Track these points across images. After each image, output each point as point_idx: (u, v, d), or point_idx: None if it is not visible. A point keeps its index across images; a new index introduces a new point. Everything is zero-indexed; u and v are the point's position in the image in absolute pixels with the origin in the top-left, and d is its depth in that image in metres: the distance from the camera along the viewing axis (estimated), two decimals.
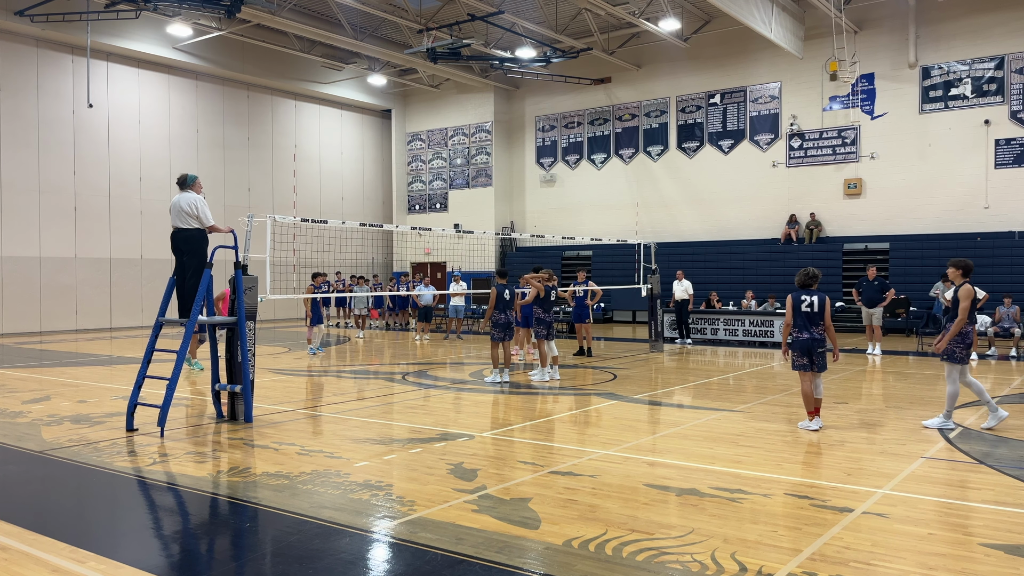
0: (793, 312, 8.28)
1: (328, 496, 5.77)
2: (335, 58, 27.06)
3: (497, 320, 11.82)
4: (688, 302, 18.26)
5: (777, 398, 10.29)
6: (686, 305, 18.30)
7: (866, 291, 16.05)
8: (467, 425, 8.59)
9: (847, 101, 22.48)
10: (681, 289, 18.20)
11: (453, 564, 4.41)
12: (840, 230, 22.72)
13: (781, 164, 23.70)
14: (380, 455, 7.10)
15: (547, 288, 12.35)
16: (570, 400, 10.31)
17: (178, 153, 25.47)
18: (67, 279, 22.92)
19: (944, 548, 4.61)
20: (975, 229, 20.70)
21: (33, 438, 7.93)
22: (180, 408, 9.47)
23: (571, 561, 4.44)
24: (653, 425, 8.73)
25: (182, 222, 8.69)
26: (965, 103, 20.88)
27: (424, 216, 30.96)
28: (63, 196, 22.90)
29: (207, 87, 26.32)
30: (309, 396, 10.89)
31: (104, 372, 13.49)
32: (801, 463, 6.74)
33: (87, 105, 22.55)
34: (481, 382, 12.04)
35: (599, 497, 5.68)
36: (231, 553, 4.82)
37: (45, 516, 5.46)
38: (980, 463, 6.69)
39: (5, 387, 11.61)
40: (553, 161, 28.55)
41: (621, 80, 26.64)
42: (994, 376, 12.57)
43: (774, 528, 4.98)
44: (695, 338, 18.61)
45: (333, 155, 30.44)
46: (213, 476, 6.44)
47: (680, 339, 18.40)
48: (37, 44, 22.19)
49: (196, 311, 8.46)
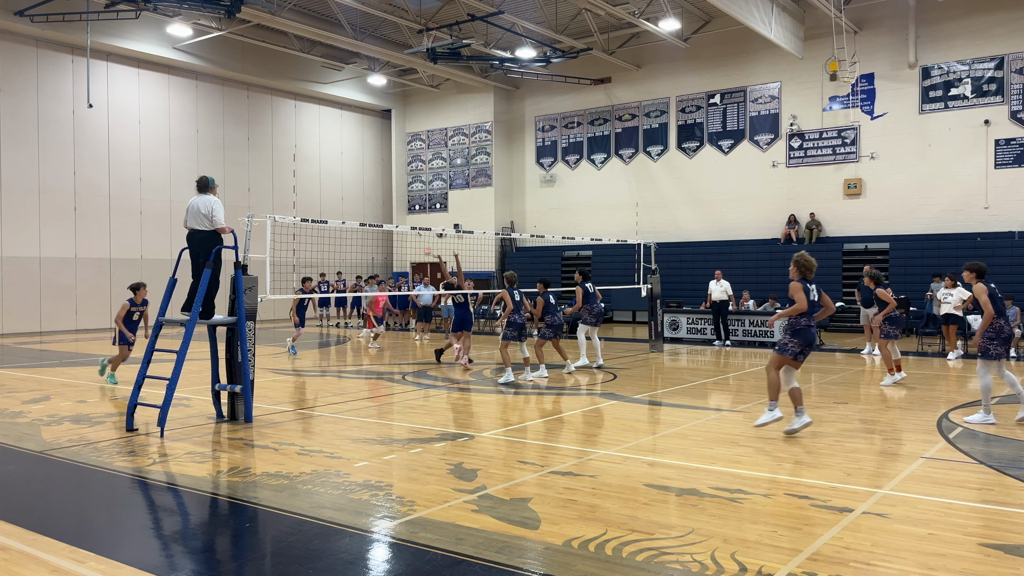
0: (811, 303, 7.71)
1: (328, 496, 5.77)
2: (335, 58, 27.07)
3: (512, 321, 12.26)
4: (728, 303, 17.93)
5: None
6: (725, 306, 17.87)
7: (863, 291, 16.04)
8: (467, 425, 8.59)
9: (847, 101, 22.48)
10: (720, 290, 17.79)
11: (453, 564, 4.41)
12: (840, 230, 22.72)
13: (781, 164, 23.70)
14: (380, 455, 7.10)
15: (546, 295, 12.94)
16: (570, 400, 10.31)
17: (178, 153, 25.47)
18: (67, 279, 22.92)
19: (944, 548, 4.61)
20: (975, 229, 20.70)
21: (33, 438, 7.93)
22: (180, 408, 9.47)
23: (571, 561, 4.44)
24: (653, 425, 8.73)
25: (198, 224, 8.71)
26: (965, 103, 20.88)
27: (424, 216, 30.96)
28: (63, 196, 22.90)
29: (207, 87, 26.31)
30: (309, 396, 10.88)
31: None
32: (801, 463, 6.74)
33: (87, 105, 22.54)
34: (481, 382, 12.04)
35: (599, 497, 5.68)
36: (231, 553, 4.82)
37: (45, 516, 5.45)
38: (980, 463, 6.69)
39: (5, 387, 11.61)
40: (553, 161, 28.55)
41: (621, 80, 26.64)
42: (994, 376, 12.54)
43: (774, 528, 4.97)
44: (695, 338, 18.60)
45: (333, 155, 30.44)
46: (213, 476, 6.44)
47: (718, 341, 17.83)
48: (37, 44, 22.18)
49: (196, 311, 8.47)
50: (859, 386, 11.49)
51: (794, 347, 7.66)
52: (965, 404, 9.61)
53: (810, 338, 7.70)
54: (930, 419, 8.61)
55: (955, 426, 8.25)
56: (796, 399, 7.77)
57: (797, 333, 7.66)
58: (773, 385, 7.72)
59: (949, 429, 8.09)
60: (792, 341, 7.67)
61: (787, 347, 7.69)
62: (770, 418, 7.73)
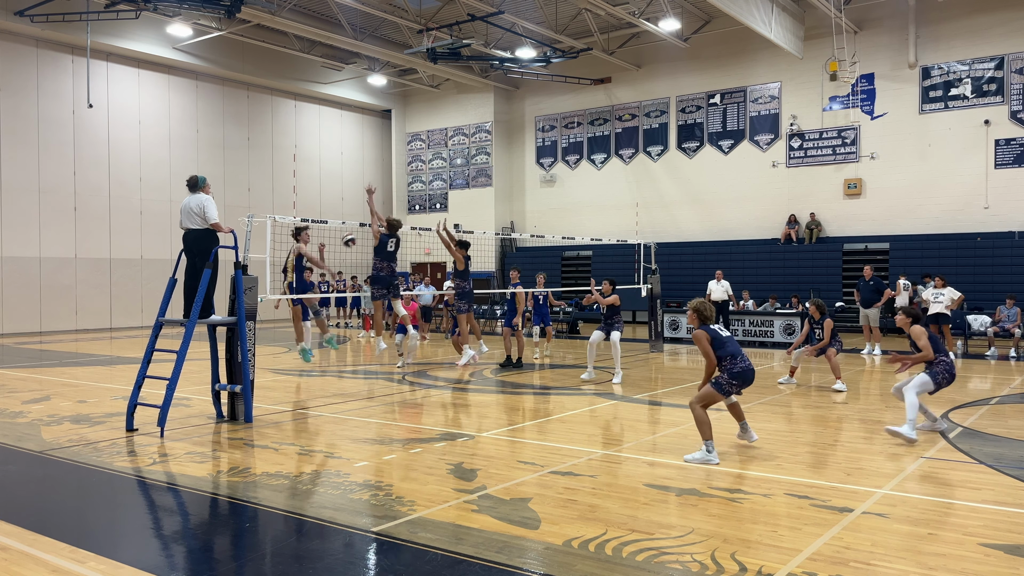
0: (722, 343, 6.95)
1: (328, 496, 5.77)
2: (335, 58, 27.07)
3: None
4: (728, 303, 17.89)
5: (776, 398, 10.29)
6: (726, 306, 17.86)
7: (863, 291, 16.06)
8: (467, 425, 8.59)
9: (847, 101, 22.48)
10: (720, 290, 17.79)
11: (453, 564, 4.41)
12: (840, 230, 22.73)
13: (781, 164, 23.70)
14: (380, 455, 7.10)
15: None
16: (570, 400, 10.31)
17: (178, 153, 25.47)
18: (67, 279, 22.92)
19: (944, 548, 4.61)
20: (975, 229, 20.70)
21: (33, 438, 7.93)
22: (180, 408, 9.47)
23: (571, 561, 4.44)
24: (653, 425, 8.73)
25: (192, 223, 8.70)
26: (965, 103, 20.88)
27: (424, 216, 30.96)
28: (63, 196, 22.90)
29: (207, 87, 26.31)
30: (309, 396, 10.88)
31: (104, 372, 13.48)
32: (801, 463, 6.74)
33: (87, 105, 22.54)
34: (481, 382, 12.04)
35: (599, 497, 5.68)
36: (231, 553, 4.82)
37: (45, 516, 5.45)
38: (980, 463, 6.69)
39: (5, 387, 11.61)
40: (553, 161, 28.55)
41: (621, 80, 26.64)
42: (994, 376, 12.57)
43: (774, 528, 4.97)
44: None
45: (333, 155, 30.44)
46: (213, 476, 6.44)
47: None
48: (37, 44, 22.18)
49: (196, 311, 8.46)
50: (859, 386, 11.49)
51: (730, 388, 6.94)
52: (965, 404, 9.61)
53: (751, 376, 6.99)
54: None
55: (955, 426, 8.25)
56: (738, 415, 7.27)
57: (735, 375, 6.91)
58: (703, 423, 6.80)
59: (949, 429, 8.09)
60: (731, 384, 6.92)
61: (723, 387, 6.91)
62: (703, 458, 6.71)
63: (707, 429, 6.77)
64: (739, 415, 7.30)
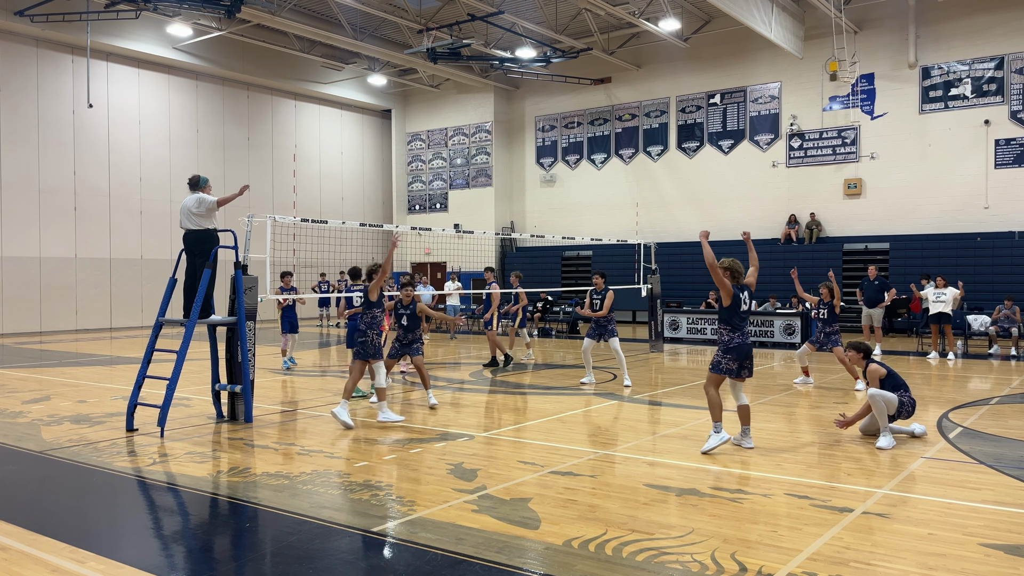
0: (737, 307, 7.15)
1: (328, 496, 5.77)
2: (335, 58, 27.06)
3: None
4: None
5: (777, 398, 10.29)
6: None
7: (866, 291, 16.03)
8: (467, 425, 8.59)
9: (847, 101, 22.48)
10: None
11: (453, 564, 4.41)
12: (840, 230, 22.72)
13: (781, 164, 23.70)
14: (380, 455, 7.10)
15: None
16: (570, 400, 10.31)
17: (178, 153, 25.47)
18: (67, 279, 22.92)
19: (944, 548, 4.61)
20: (975, 229, 20.70)
21: (33, 438, 7.93)
22: (180, 408, 9.47)
23: (571, 561, 4.44)
24: (653, 425, 8.73)
25: (191, 223, 8.69)
26: (965, 103, 20.87)
27: (424, 216, 30.96)
28: (63, 196, 22.90)
29: (207, 87, 26.31)
30: (309, 396, 10.88)
31: (104, 372, 13.48)
32: (801, 463, 6.74)
33: (87, 105, 22.54)
34: (481, 382, 12.04)
35: (599, 497, 5.68)
36: (231, 553, 4.82)
37: (45, 516, 5.45)
38: (980, 463, 6.69)
39: (5, 387, 11.61)
40: (553, 161, 28.55)
41: (621, 80, 26.64)
42: (995, 376, 12.57)
43: (774, 528, 4.97)
44: (695, 338, 18.60)
45: (333, 155, 30.44)
46: (213, 476, 6.44)
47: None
48: (37, 44, 22.18)
49: (196, 311, 8.46)
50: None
51: (727, 364, 7.13)
52: (965, 404, 9.60)
53: (745, 351, 7.11)
54: (930, 419, 8.61)
55: (955, 426, 8.25)
56: (744, 418, 7.26)
57: (729, 349, 7.10)
58: (715, 405, 7.06)
59: (949, 429, 8.09)
60: (725, 358, 7.10)
61: (719, 365, 7.14)
62: (717, 441, 6.99)
63: (718, 411, 7.09)
64: (745, 419, 7.30)
